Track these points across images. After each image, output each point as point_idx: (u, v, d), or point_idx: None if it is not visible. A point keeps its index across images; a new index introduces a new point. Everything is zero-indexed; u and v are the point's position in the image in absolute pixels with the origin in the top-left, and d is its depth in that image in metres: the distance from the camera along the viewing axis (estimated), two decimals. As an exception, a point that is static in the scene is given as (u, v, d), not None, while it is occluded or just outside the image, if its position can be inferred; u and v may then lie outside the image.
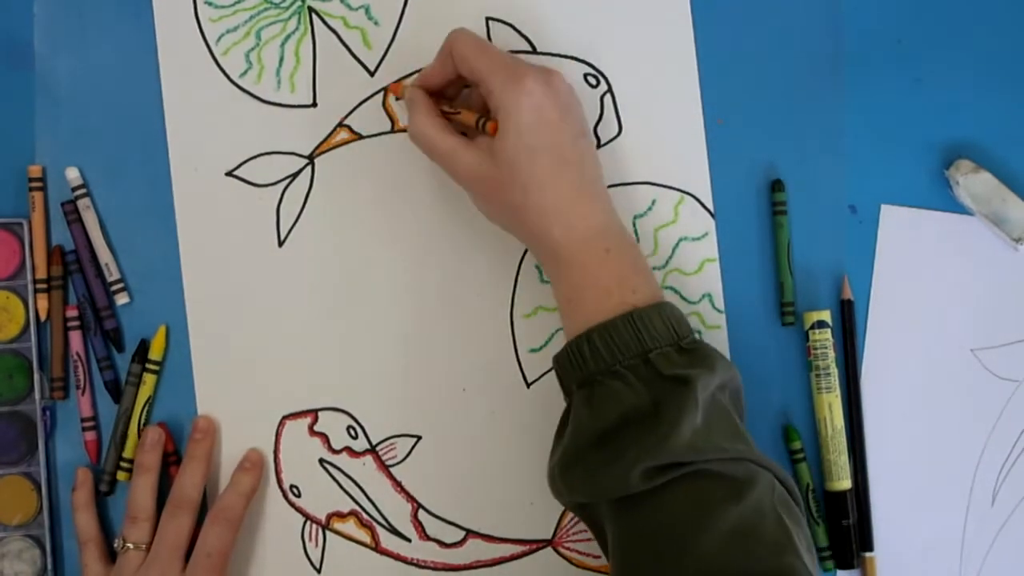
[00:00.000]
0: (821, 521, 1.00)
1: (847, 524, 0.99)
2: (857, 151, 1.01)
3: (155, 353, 1.01)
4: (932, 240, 1.01)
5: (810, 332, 0.99)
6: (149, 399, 1.01)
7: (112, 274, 1.01)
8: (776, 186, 1.00)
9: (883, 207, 1.01)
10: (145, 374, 1.00)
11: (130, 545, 0.97)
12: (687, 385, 0.84)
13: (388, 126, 1.02)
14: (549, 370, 1.01)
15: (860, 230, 1.01)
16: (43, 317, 1.00)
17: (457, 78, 0.95)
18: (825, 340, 0.99)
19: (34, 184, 1.00)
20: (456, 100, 0.99)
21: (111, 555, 1.00)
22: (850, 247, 1.01)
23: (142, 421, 1.00)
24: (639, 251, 0.92)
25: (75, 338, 1.01)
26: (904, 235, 1.01)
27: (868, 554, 1.00)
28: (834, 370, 0.99)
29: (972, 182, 0.99)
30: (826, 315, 0.99)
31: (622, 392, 0.86)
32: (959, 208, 1.01)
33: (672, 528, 0.83)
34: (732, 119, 1.01)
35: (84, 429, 1.01)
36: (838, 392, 0.99)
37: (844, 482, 0.99)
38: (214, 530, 0.97)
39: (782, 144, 1.01)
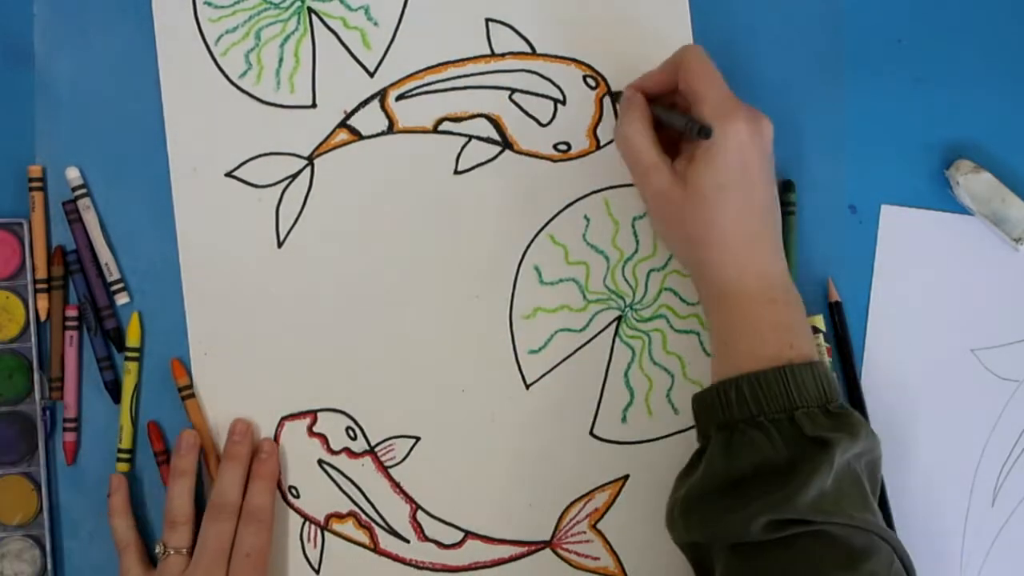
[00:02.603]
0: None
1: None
2: (857, 151, 1.01)
3: (132, 341, 1.01)
4: (932, 240, 1.01)
5: (799, 339, 0.99)
6: (136, 387, 1.01)
7: (112, 274, 1.00)
8: (787, 187, 1.00)
9: (883, 207, 1.01)
10: (128, 363, 1.00)
11: (171, 550, 0.96)
12: (826, 448, 0.84)
13: (388, 127, 1.02)
14: (548, 371, 1.02)
15: (860, 230, 1.01)
16: (43, 317, 1.00)
17: (672, 92, 0.95)
18: (812, 347, 0.99)
19: (34, 184, 1.00)
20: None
21: (150, 560, 1.00)
22: (850, 247, 1.01)
23: (133, 411, 1.01)
24: (803, 309, 0.92)
25: (75, 338, 1.01)
26: (904, 235, 1.01)
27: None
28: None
29: (972, 182, 0.98)
30: (817, 320, 0.99)
31: (762, 444, 0.86)
32: (959, 208, 1.01)
33: None
34: (732, 119, 1.01)
35: (65, 429, 1.01)
36: (832, 399, 0.99)
37: (847, 485, 0.98)
38: (248, 530, 0.97)
39: (782, 144, 0.99)
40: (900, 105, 1.01)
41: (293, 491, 1.01)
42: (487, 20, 1.02)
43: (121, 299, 1.01)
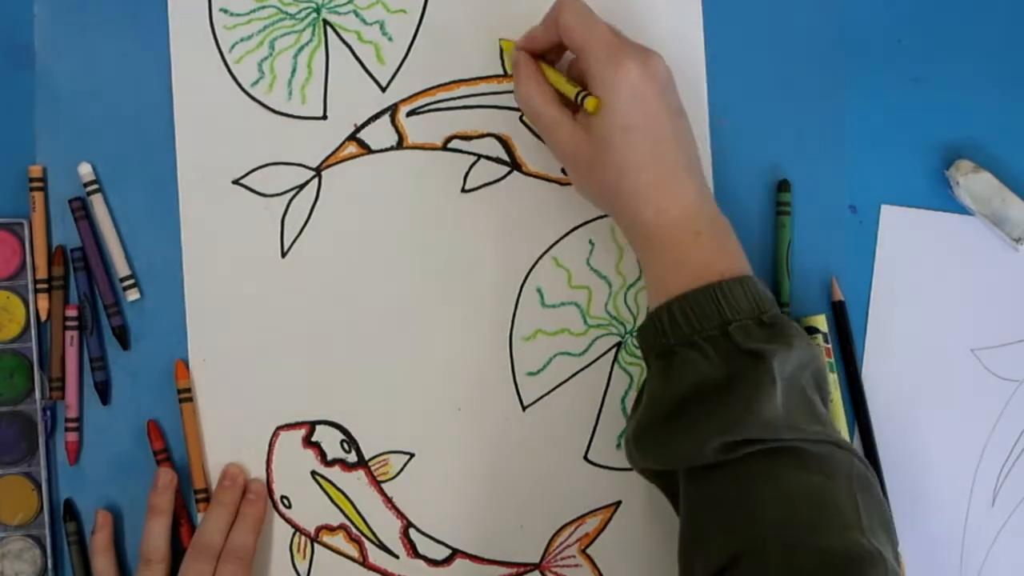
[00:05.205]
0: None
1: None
2: (857, 151, 1.01)
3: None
4: (932, 240, 1.01)
5: (803, 339, 0.99)
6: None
7: (124, 269, 1.01)
8: (782, 186, 1.00)
9: (883, 207, 1.01)
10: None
11: None
12: (762, 360, 0.83)
13: (397, 142, 1.03)
14: (545, 394, 1.01)
15: (860, 230, 1.01)
16: (43, 317, 1.00)
17: (560, 44, 0.94)
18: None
19: (34, 184, 1.01)
20: (558, 64, 0.98)
21: None
22: (850, 247, 1.01)
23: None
24: (730, 232, 0.91)
25: (75, 338, 1.01)
26: (904, 235, 1.01)
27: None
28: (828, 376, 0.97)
29: (972, 182, 0.98)
30: (819, 320, 0.99)
31: (698, 362, 0.85)
32: (959, 208, 1.00)
33: (743, 495, 0.84)
34: (733, 119, 1.02)
35: (67, 429, 1.01)
36: (834, 397, 0.98)
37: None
38: (227, 568, 0.96)
39: (783, 144, 1.01)
40: (900, 105, 1.01)
41: (285, 501, 1.00)
42: (500, 40, 1.03)
43: (132, 295, 1.01)
